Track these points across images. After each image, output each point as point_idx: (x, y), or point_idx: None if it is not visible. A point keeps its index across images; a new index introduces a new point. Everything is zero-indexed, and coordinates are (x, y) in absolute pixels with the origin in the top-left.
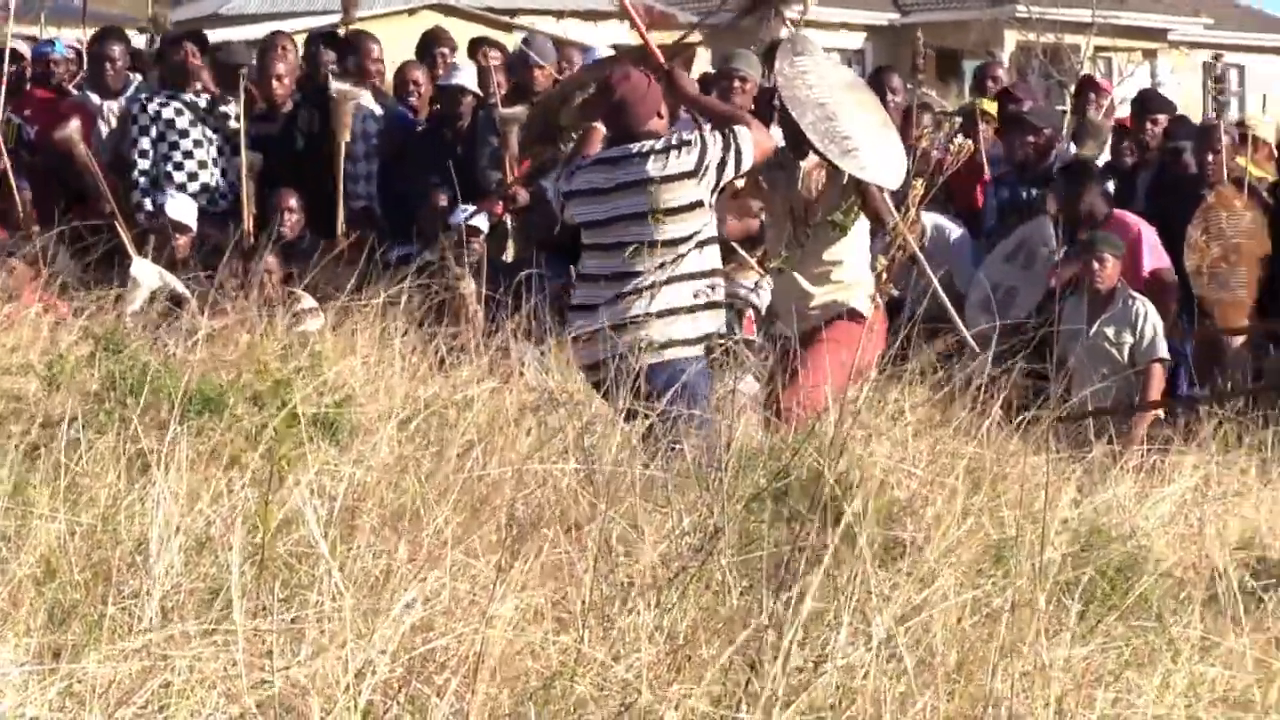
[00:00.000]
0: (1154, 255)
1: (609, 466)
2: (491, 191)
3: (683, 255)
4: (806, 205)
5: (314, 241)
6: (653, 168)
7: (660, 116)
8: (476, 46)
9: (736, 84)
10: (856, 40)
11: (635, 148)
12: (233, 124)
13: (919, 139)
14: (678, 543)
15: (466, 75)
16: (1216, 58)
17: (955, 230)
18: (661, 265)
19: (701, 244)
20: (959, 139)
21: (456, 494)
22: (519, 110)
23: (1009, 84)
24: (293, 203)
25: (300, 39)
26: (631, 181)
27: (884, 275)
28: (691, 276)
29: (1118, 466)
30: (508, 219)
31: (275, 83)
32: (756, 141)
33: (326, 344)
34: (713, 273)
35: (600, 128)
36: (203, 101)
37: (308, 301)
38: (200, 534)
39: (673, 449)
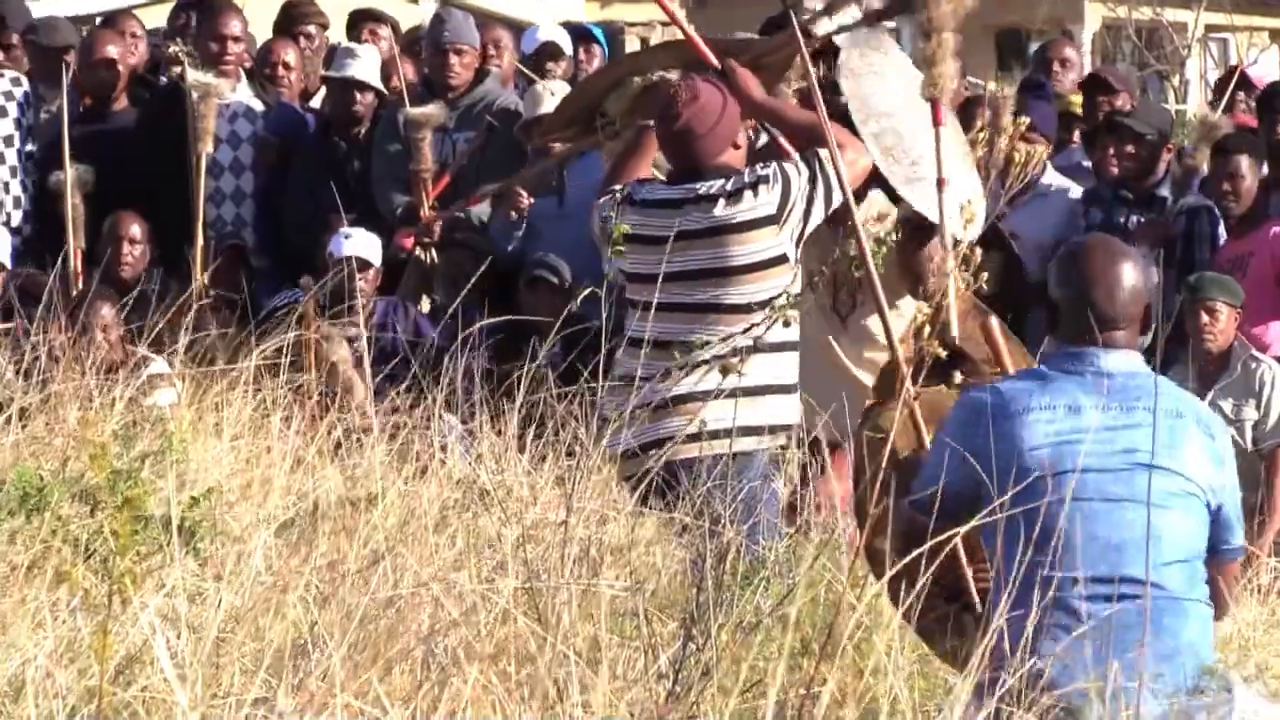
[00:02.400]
0: None
1: (559, 584)
2: (399, 218)
3: (755, 324)
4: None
5: (165, 284)
6: (724, 213)
7: (736, 147)
8: (358, 23)
9: None
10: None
11: (701, 188)
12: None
13: (977, 142)
14: (651, 687)
15: (365, 65)
16: None
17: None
18: (727, 337)
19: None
20: (1029, 146)
21: (357, 622)
22: (432, 110)
23: (1096, 69)
24: (135, 231)
25: (148, 13)
26: (695, 231)
27: (926, 329)
28: (763, 350)
29: (1239, 585)
30: (422, 254)
31: (108, 70)
32: (850, 163)
33: (183, 422)
34: (792, 346)
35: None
36: None
37: (158, 366)
38: (15, 675)
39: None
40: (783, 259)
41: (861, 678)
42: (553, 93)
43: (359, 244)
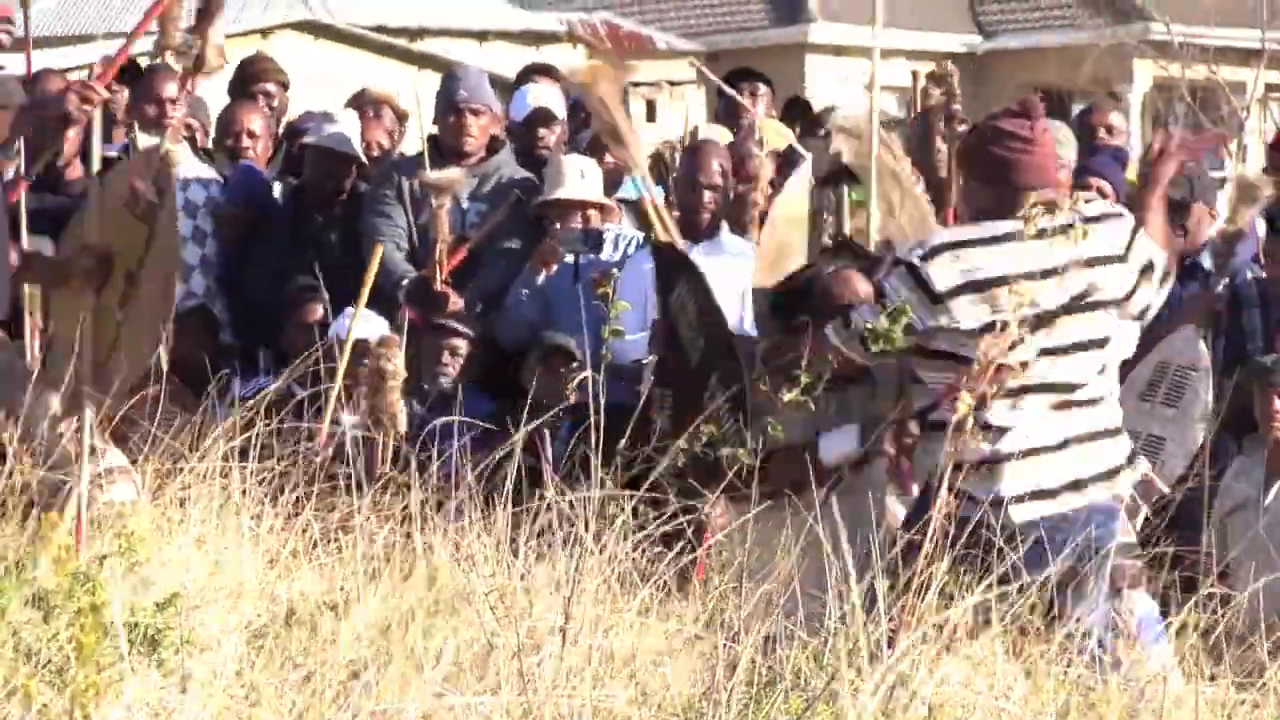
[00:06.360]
0: None
1: (557, 698)
2: (407, 292)
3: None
4: None
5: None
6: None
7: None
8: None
9: None
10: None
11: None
12: None
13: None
14: None
15: (346, 127)
16: None
17: None
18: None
19: None
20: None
21: None
22: (455, 174)
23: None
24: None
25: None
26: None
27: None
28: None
29: None
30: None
31: (63, 133)
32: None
33: (143, 520)
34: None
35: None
36: None
37: (114, 457)
38: None
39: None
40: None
41: None
42: (583, 173)
43: (366, 326)
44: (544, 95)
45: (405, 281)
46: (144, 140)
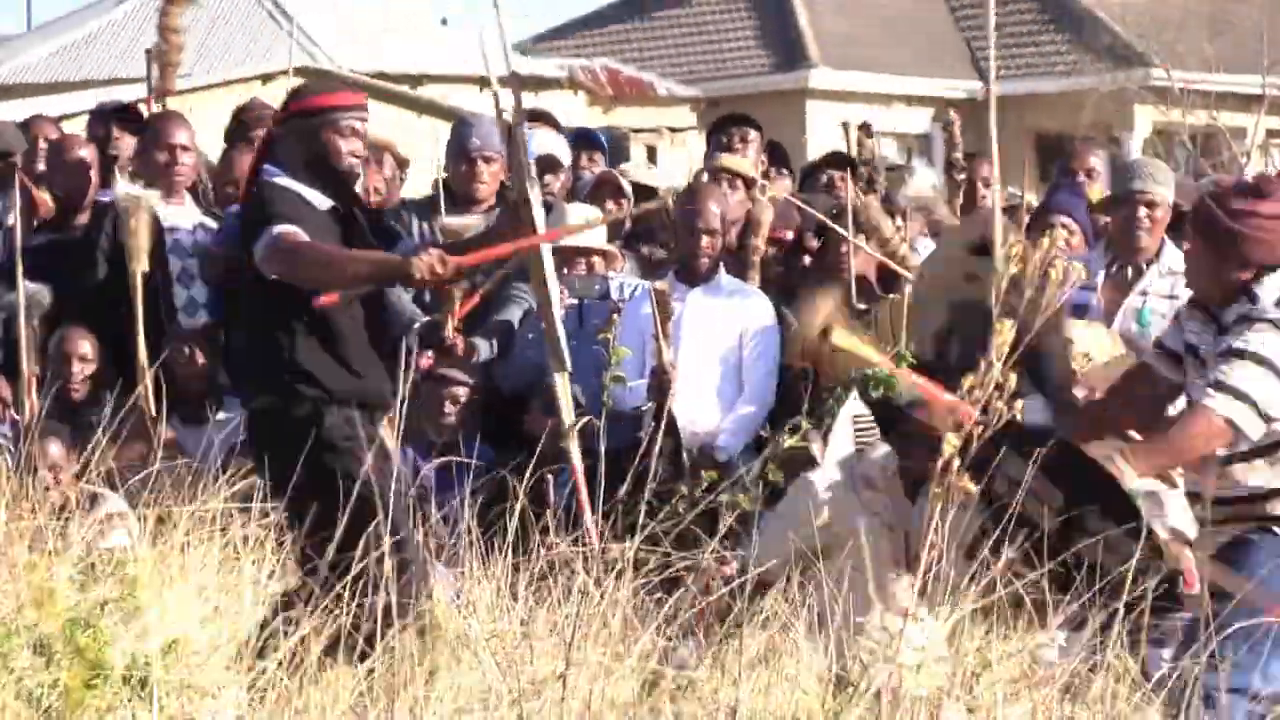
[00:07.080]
0: None
1: None
2: (418, 336)
3: None
4: None
5: (116, 411)
6: None
7: None
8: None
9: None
10: (921, 121)
11: None
12: None
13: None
14: None
15: None
16: None
17: None
18: None
19: None
20: (1066, 262)
21: None
22: (473, 220)
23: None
24: (86, 349)
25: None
26: None
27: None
28: None
29: None
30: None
31: (81, 174)
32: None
33: (143, 565)
34: None
35: None
36: None
37: (114, 503)
38: None
39: None
40: None
41: None
42: (588, 220)
43: None
44: (550, 142)
45: (417, 325)
46: (123, 188)
